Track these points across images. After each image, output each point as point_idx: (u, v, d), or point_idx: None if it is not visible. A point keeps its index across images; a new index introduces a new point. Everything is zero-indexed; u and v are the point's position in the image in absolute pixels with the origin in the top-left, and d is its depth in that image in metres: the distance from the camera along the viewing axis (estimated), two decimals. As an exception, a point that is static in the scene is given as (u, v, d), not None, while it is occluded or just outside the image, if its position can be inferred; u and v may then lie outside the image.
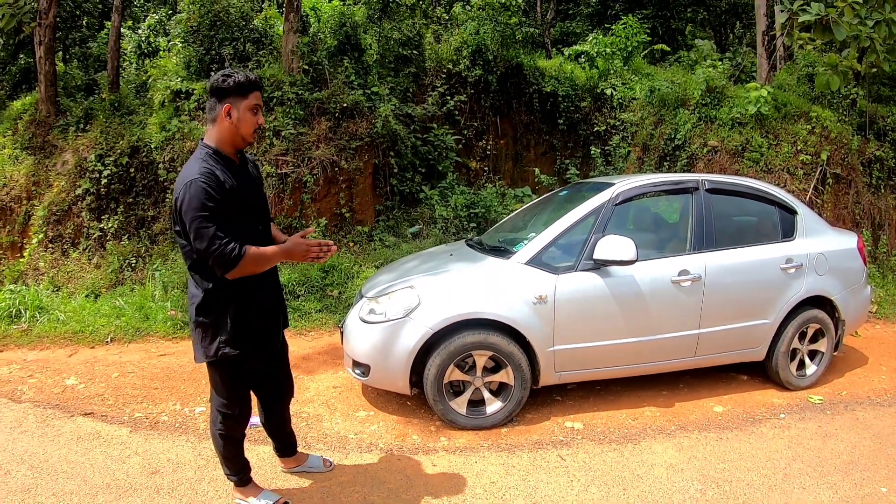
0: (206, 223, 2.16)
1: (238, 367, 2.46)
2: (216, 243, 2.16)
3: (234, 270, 2.20)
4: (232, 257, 2.17)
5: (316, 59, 6.74)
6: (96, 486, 2.97)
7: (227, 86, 2.27)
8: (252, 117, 2.32)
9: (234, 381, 2.51)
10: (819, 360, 4.25)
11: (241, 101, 2.29)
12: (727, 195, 4.13)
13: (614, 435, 3.59)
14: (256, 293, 2.42)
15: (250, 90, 2.30)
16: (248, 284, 2.36)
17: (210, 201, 2.16)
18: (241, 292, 2.36)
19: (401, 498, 2.92)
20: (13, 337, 5.10)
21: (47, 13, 6.09)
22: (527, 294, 3.57)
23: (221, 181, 2.22)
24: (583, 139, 8.14)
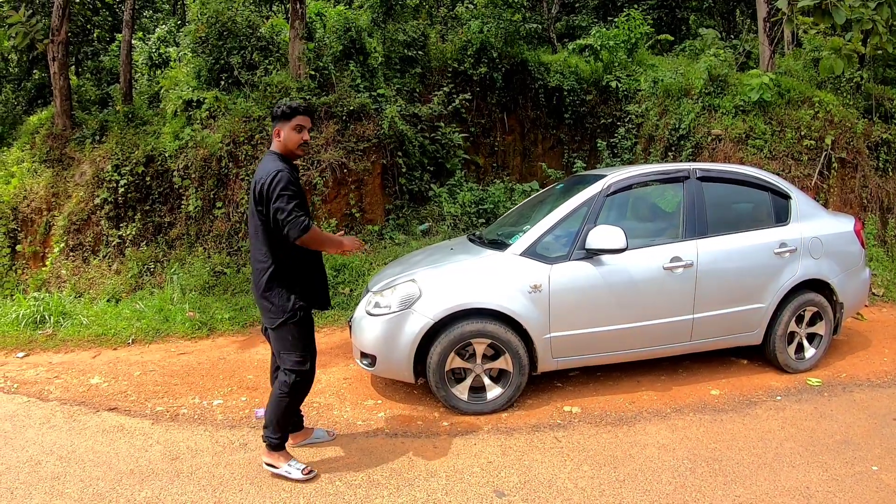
0: (291, 199, 2.88)
1: (309, 321, 3.12)
2: (295, 213, 2.87)
3: (303, 237, 2.88)
4: (304, 225, 2.87)
5: (322, 65, 7.04)
6: (121, 472, 3.30)
7: (276, 113, 3.06)
8: (296, 135, 3.05)
9: (307, 335, 3.12)
10: (818, 343, 4.39)
11: (287, 123, 3.03)
12: (719, 182, 4.30)
13: (611, 418, 3.79)
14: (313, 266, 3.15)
15: (293, 115, 3.03)
16: (306, 259, 3.09)
17: (293, 185, 2.92)
18: (304, 263, 3.08)
19: (403, 476, 3.18)
20: (39, 341, 5.48)
21: (59, 30, 6.49)
22: (522, 284, 3.80)
23: (296, 176, 3.04)
24: (590, 132, 8.32)
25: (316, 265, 3.19)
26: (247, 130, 6.67)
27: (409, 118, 7.69)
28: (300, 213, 2.90)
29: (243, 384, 4.58)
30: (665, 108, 7.10)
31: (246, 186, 6.75)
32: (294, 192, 2.92)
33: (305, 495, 3.03)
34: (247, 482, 3.16)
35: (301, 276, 3.08)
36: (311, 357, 3.14)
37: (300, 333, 3.08)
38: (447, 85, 7.97)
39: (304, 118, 3.06)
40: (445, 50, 8.42)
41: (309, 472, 3.15)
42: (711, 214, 4.18)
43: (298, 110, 3.04)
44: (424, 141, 7.87)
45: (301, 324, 3.06)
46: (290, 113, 3.03)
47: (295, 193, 2.92)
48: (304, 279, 3.10)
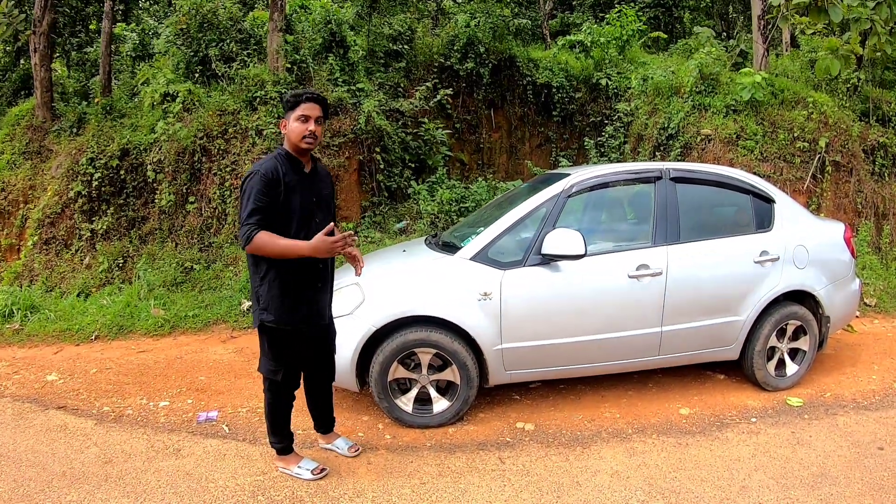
0: (249, 203, 2.52)
1: (282, 335, 2.73)
2: (242, 219, 2.53)
3: (248, 246, 2.52)
4: (245, 235, 2.50)
5: (300, 58, 6.62)
6: (53, 474, 3.09)
7: (284, 103, 2.70)
8: (300, 126, 2.60)
9: (278, 347, 2.77)
10: (801, 359, 3.90)
11: (291, 113, 2.63)
12: (694, 184, 3.83)
13: (565, 437, 3.37)
14: (292, 277, 2.67)
15: (297, 103, 2.62)
16: (285, 269, 2.64)
17: (258, 192, 2.51)
18: (279, 274, 2.65)
19: (328, 495, 2.84)
20: (5, 336, 5.23)
21: (41, 21, 6.20)
22: (471, 291, 3.40)
23: (280, 176, 2.57)
24: (578, 131, 7.86)
25: (300, 276, 2.69)
26: (221, 124, 6.31)
27: (390, 113, 7.27)
28: (248, 221, 2.51)
29: (193, 386, 4.28)
30: (655, 106, 6.59)
31: (219, 181, 6.38)
32: (259, 196, 2.50)
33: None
34: (170, 490, 2.91)
35: (276, 286, 2.65)
36: (284, 368, 2.80)
37: (271, 343, 2.77)
38: (433, 80, 7.51)
39: (310, 106, 2.61)
40: (432, 44, 7.96)
41: (320, 470, 2.96)
42: (685, 219, 3.71)
43: (302, 98, 2.62)
44: (406, 137, 7.45)
45: (269, 337, 2.75)
46: (293, 101, 2.63)
47: (260, 198, 2.50)
48: (278, 291, 2.65)
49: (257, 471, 3.06)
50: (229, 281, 6.03)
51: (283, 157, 2.66)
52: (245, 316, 5.55)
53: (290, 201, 2.59)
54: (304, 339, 2.79)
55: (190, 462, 3.19)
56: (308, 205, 2.66)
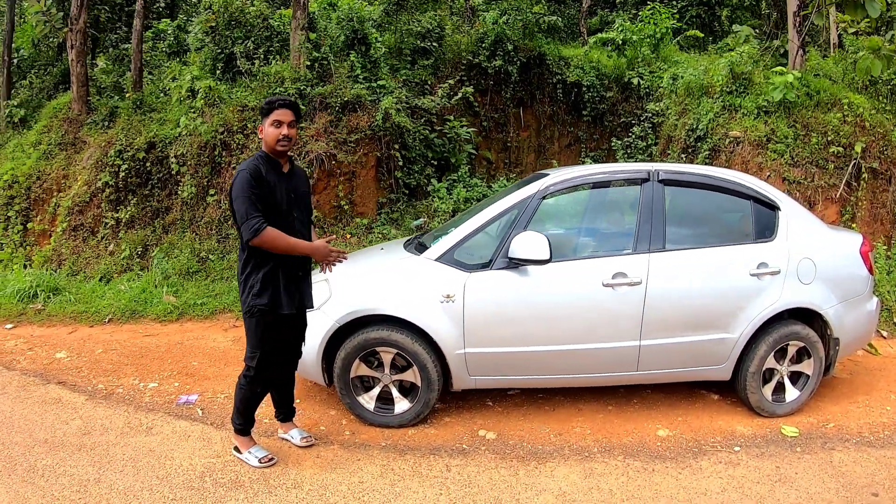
0: (245, 201, 2.75)
1: (268, 322, 2.93)
2: (245, 216, 2.75)
3: (255, 239, 2.75)
4: (253, 228, 2.73)
5: (320, 55, 6.79)
6: (36, 440, 3.43)
7: (259, 110, 3.06)
8: (274, 130, 2.85)
9: (263, 333, 2.95)
10: (803, 384, 3.59)
11: (266, 119, 2.89)
12: (686, 187, 3.62)
13: (523, 450, 3.28)
14: (286, 268, 2.94)
15: (270, 110, 2.87)
16: (276, 259, 2.89)
17: (249, 186, 2.76)
18: (274, 263, 2.90)
19: (268, 482, 2.95)
20: (28, 315, 5.69)
21: (77, 19, 6.73)
22: (434, 292, 3.40)
23: (263, 175, 2.83)
24: (609, 131, 7.58)
25: (289, 267, 2.97)
26: (241, 120, 6.58)
27: (412, 110, 7.30)
28: (253, 214, 2.75)
29: (184, 370, 4.52)
30: (685, 107, 6.26)
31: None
32: (251, 193, 2.75)
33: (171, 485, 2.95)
34: (130, 464, 3.17)
35: (268, 275, 2.90)
36: (264, 356, 2.98)
37: (257, 330, 2.96)
38: (453, 77, 7.49)
39: (282, 112, 2.87)
40: (461, 42, 7.93)
41: (268, 459, 3.09)
42: (673, 225, 3.53)
43: (275, 105, 2.88)
44: (431, 134, 7.46)
45: (259, 321, 2.93)
46: (267, 108, 2.89)
47: (252, 195, 2.76)
48: (271, 280, 2.91)
49: (213, 453, 3.23)
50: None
51: (263, 158, 2.92)
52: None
53: (272, 197, 2.85)
54: (288, 325, 3.02)
55: (156, 440, 3.42)
56: (287, 201, 2.93)
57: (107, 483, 2.96)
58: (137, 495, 2.86)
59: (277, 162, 2.96)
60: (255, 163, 2.87)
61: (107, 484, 2.95)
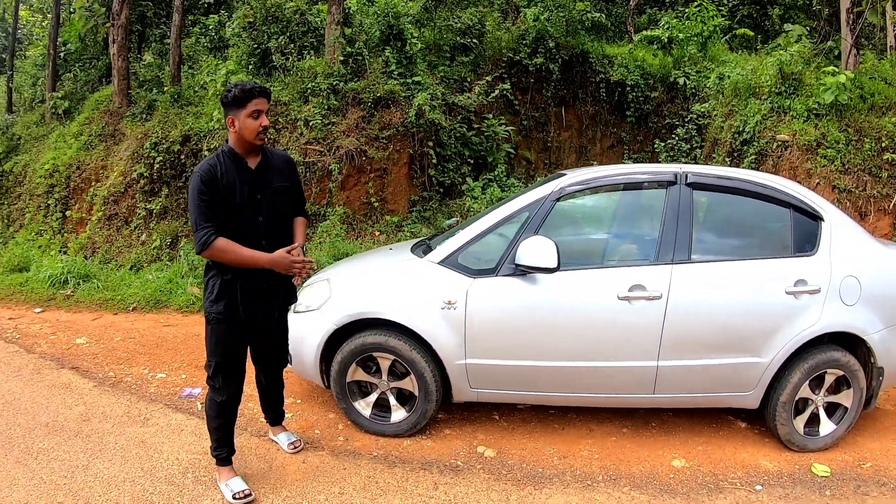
0: (195, 209, 2.57)
1: (225, 331, 2.74)
2: (196, 225, 2.57)
3: (204, 252, 2.57)
4: (202, 240, 2.54)
5: (354, 50, 6.80)
6: (39, 423, 3.56)
7: (227, 100, 2.62)
8: (253, 122, 2.60)
9: (219, 342, 2.77)
10: (840, 417, 3.26)
11: (241, 111, 2.59)
12: (717, 192, 3.34)
13: (521, 472, 3.11)
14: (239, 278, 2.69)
15: (248, 99, 2.58)
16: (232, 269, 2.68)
17: (199, 192, 2.55)
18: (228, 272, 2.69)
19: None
20: (57, 300, 5.95)
21: (119, 15, 7.03)
22: (435, 298, 3.27)
23: (218, 176, 2.59)
24: (653, 132, 7.25)
25: (253, 279, 2.72)
26: (272, 114, 6.66)
27: (449, 108, 7.21)
28: (201, 224, 2.54)
29: (195, 362, 4.58)
30: (731, 108, 5.88)
31: (269, 170, 6.74)
32: (200, 201, 2.54)
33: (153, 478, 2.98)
34: (119, 454, 3.22)
35: (228, 283, 2.68)
36: (219, 366, 2.78)
37: (211, 337, 2.77)
38: (499, 74, 7.35)
39: (260, 101, 2.61)
40: (502, 38, 7.79)
41: (244, 495, 2.77)
42: (700, 233, 3.27)
43: (254, 93, 2.59)
44: (468, 132, 7.36)
45: (214, 329, 2.75)
46: (243, 97, 2.57)
47: (202, 202, 2.54)
48: (229, 288, 2.69)
49: (201, 449, 3.22)
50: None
51: (226, 154, 2.66)
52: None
53: (230, 200, 2.60)
54: (246, 334, 2.80)
55: (150, 431, 3.46)
56: (251, 203, 2.65)
57: (93, 471, 3.02)
58: (119, 486, 2.89)
59: (242, 159, 2.67)
60: (211, 163, 2.62)
61: (93, 471, 3.01)
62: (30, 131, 8.67)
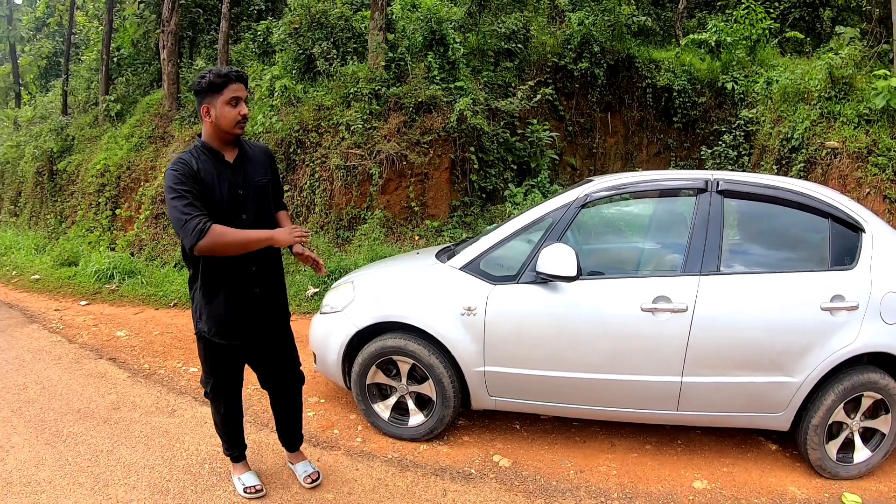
0: (174, 202, 2.28)
1: (215, 347, 2.60)
2: (182, 218, 2.25)
3: (202, 242, 2.24)
4: (196, 230, 2.23)
5: (397, 55, 6.96)
6: (71, 409, 3.82)
7: (202, 87, 2.39)
8: (231, 110, 2.37)
9: (211, 359, 2.67)
10: (877, 443, 3.10)
11: (217, 97, 2.36)
12: (750, 200, 3.25)
13: (534, 484, 3.10)
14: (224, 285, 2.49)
15: (224, 85, 2.35)
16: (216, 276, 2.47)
17: (178, 183, 2.29)
18: (210, 281, 2.49)
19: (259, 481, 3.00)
20: (103, 294, 6.33)
21: (169, 21, 7.42)
22: (455, 303, 3.30)
23: (195, 170, 2.35)
24: (700, 139, 7.07)
25: (241, 286, 2.51)
26: (316, 119, 6.88)
27: (493, 113, 7.28)
28: (189, 214, 2.25)
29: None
30: (780, 114, 5.67)
31: (310, 172, 6.97)
32: (183, 191, 2.28)
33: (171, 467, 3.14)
34: (143, 442, 3.40)
35: (215, 298, 2.50)
36: (217, 386, 2.72)
37: (205, 355, 2.68)
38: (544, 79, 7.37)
39: (238, 86, 2.38)
40: (547, 43, 7.80)
41: (255, 490, 2.85)
42: (730, 244, 3.17)
43: (231, 77, 2.36)
44: (511, 138, 7.40)
45: (206, 346, 2.64)
46: (219, 83, 2.34)
47: (181, 192, 2.27)
48: (218, 304, 2.50)
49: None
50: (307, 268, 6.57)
51: (200, 149, 2.45)
52: (308, 301, 6.01)
53: (209, 198, 2.36)
54: (242, 349, 2.66)
55: (175, 422, 3.64)
56: (231, 199, 2.43)
57: (116, 456, 3.21)
58: (138, 471, 3.06)
59: (219, 152, 2.45)
60: (185, 158, 2.39)
61: (116, 456, 3.20)
62: (83, 132, 9.26)
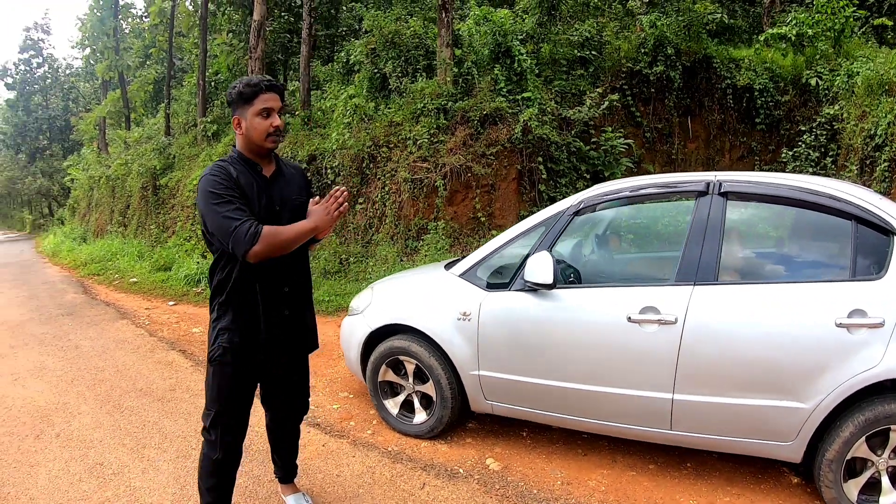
0: (218, 208, 2.15)
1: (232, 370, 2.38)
2: (232, 224, 2.12)
3: (256, 247, 2.12)
4: (249, 234, 2.11)
5: (463, 70, 7.20)
6: (135, 388, 4.55)
7: (232, 98, 2.32)
8: (262, 122, 2.27)
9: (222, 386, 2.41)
10: (908, 485, 2.69)
11: (248, 108, 2.28)
12: (757, 202, 3.02)
13: (514, 490, 3.14)
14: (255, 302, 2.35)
15: (255, 95, 2.26)
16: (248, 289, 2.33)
17: (219, 189, 2.18)
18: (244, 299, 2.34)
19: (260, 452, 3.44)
20: (189, 296, 7.22)
21: (256, 48, 8.26)
22: (453, 308, 3.48)
23: (233, 176, 2.24)
24: (785, 140, 6.46)
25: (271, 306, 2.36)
26: (386, 134, 7.31)
27: (564, 122, 7.25)
28: (238, 219, 2.13)
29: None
30: (864, 109, 5.03)
31: (381, 185, 7.41)
32: (222, 195, 2.16)
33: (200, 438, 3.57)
34: (183, 417, 3.95)
35: (239, 315, 2.32)
36: (219, 416, 2.41)
37: (213, 381, 2.40)
38: (602, 86, 7.23)
39: (270, 96, 2.27)
40: (621, 48, 7.60)
41: None
42: (731, 250, 2.99)
43: (261, 87, 2.26)
44: (584, 147, 7.31)
45: (217, 371, 2.38)
46: (250, 94, 2.25)
47: (224, 197, 2.16)
48: (239, 320, 2.32)
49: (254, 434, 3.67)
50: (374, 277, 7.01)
51: (236, 159, 2.34)
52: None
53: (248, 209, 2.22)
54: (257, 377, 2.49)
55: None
56: (267, 214, 2.28)
57: (159, 426, 3.81)
58: (173, 440, 3.61)
59: (256, 163, 2.34)
60: (222, 165, 2.28)
61: (159, 427, 3.80)
62: (183, 151, 10.55)
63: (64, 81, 34.01)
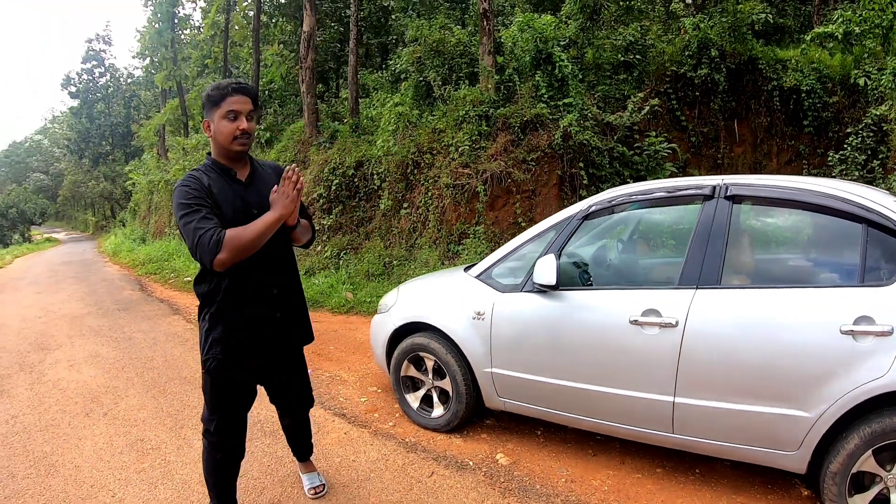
0: (187, 218, 2.16)
1: (225, 378, 2.42)
2: (196, 234, 2.13)
3: (220, 255, 2.12)
4: (213, 241, 2.11)
5: (504, 77, 7.34)
6: (180, 376, 5.02)
7: (203, 102, 2.32)
8: (229, 124, 2.26)
9: (219, 393, 2.47)
10: (921, 501, 2.63)
11: (215, 111, 2.27)
12: (765, 205, 3.03)
13: (517, 484, 3.27)
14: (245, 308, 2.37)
15: (222, 98, 2.26)
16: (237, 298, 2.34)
17: (188, 199, 2.19)
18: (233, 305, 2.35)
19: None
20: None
21: (306, 58, 8.68)
22: (469, 308, 3.66)
23: (205, 184, 2.25)
24: (834, 143, 6.22)
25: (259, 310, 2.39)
26: (430, 141, 7.56)
27: (608, 127, 7.28)
28: (202, 228, 2.13)
29: (318, 351, 5.63)
30: (911, 110, 4.81)
31: (424, 190, 7.67)
32: (190, 206, 2.17)
33: None
34: None
35: (230, 322, 2.35)
36: (223, 423, 2.48)
37: (212, 389, 2.45)
38: (643, 91, 7.20)
39: (238, 99, 2.26)
40: (665, 51, 7.53)
41: None
42: (735, 254, 3.00)
43: (228, 90, 2.24)
44: (627, 152, 7.30)
45: (214, 379, 2.42)
46: (217, 97, 2.25)
47: (192, 208, 2.17)
48: (231, 327, 2.35)
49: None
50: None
51: (210, 167, 2.34)
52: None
53: (219, 217, 2.23)
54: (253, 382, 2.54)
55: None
56: (247, 218, 2.26)
57: (198, 409, 4.19)
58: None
59: (230, 169, 2.34)
60: (195, 174, 2.28)
61: (197, 410, 4.18)
62: None
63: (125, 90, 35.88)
